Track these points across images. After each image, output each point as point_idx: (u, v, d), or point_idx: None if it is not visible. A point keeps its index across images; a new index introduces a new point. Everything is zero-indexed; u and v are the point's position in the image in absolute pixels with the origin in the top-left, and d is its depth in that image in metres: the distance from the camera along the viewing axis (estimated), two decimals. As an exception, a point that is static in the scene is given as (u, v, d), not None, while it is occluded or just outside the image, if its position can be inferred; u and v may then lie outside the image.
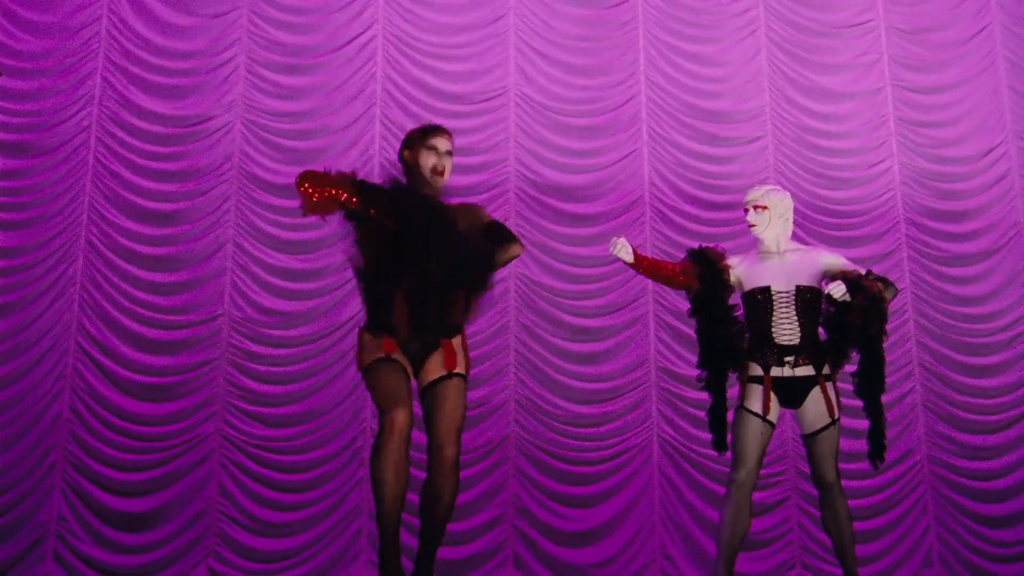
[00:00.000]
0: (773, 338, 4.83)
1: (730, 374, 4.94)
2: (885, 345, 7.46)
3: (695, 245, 5.11)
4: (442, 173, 3.92)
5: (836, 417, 4.83)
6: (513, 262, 4.85)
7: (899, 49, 8.13)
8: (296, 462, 6.78)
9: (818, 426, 4.81)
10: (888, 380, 7.31)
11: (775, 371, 4.80)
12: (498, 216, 7.29)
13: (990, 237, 7.82)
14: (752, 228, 5.06)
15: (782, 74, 7.95)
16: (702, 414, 5.03)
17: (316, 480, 6.76)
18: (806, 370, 4.81)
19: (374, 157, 7.37)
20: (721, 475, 6.93)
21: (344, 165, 7.20)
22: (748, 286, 4.96)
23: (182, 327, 6.91)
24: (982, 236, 7.82)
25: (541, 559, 6.80)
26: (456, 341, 3.85)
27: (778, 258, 4.99)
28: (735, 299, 4.99)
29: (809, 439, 4.87)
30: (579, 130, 7.64)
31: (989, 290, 7.71)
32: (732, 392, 4.89)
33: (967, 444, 7.36)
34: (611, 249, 4.88)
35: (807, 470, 6.98)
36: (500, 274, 7.04)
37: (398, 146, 7.24)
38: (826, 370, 4.85)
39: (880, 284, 4.88)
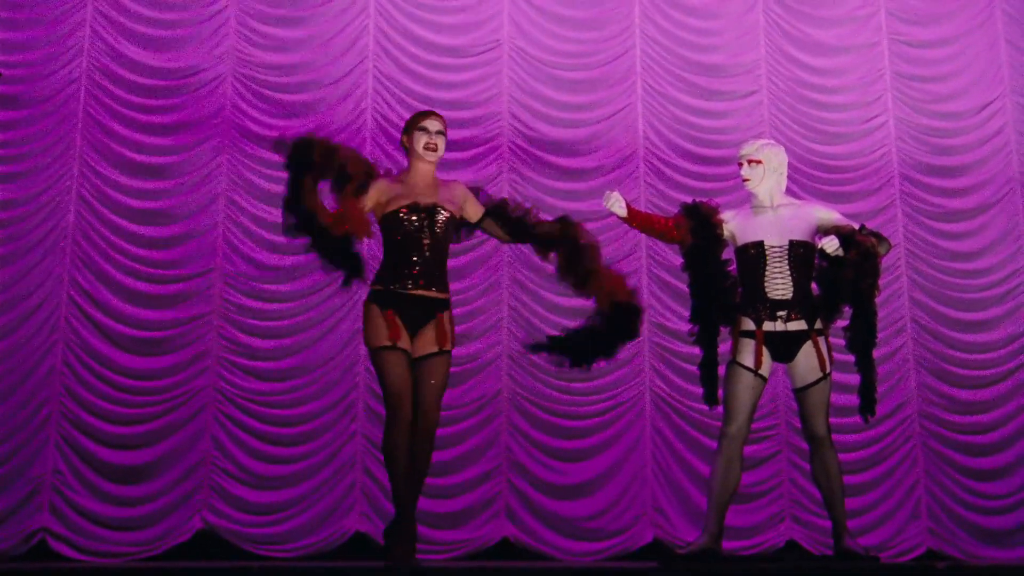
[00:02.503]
0: (766, 293, 4.83)
1: (723, 329, 4.96)
2: (878, 300, 7.53)
3: (689, 200, 5.10)
4: (434, 149, 4.41)
5: (827, 371, 4.85)
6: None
7: (896, 3, 8.07)
8: (290, 416, 6.80)
9: (809, 380, 4.83)
10: (880, 335, 7.33)
11: (767, 325, 4.81)
12: (491, 171, 7.32)
13: (984, 193, 7.82)
14: (746, 183, 5.05)
15: (778, 28, 7.89)
16: (694, 368, 5.05)
17: (310, 433, 6.78)
18: (798, 324, 4.82)
19: (366, 111, 7.31)
20: (712, 429, 6.94)
21: (337, 118, 7.22)
22: (741, 240, 4.96)
23: (175, 281, 6.89)
24: (977, 192, 7.82)
25: (533, 512, 6.86)
26: (447, 316, 4.33)
27: (772, 212, 4.98)
28: (728, 254, 4.99)
29: (800, 393, 4.90)
30: (573, 84, 7.59)
31: (982, 246, 7.73)
32: (725, 347, 4.90)
33: (957, 399, 7.41)
34: (604, 203, 4.88)
35: (799, 424, 7.01)
36: (493, 229, 7.07)
37: (390, 99, 7.29)
38: (818, 325, 4.86)
39: (873, 239, 4.88)
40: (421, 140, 4.38)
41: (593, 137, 7.49)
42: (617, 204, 4.90)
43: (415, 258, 4.25)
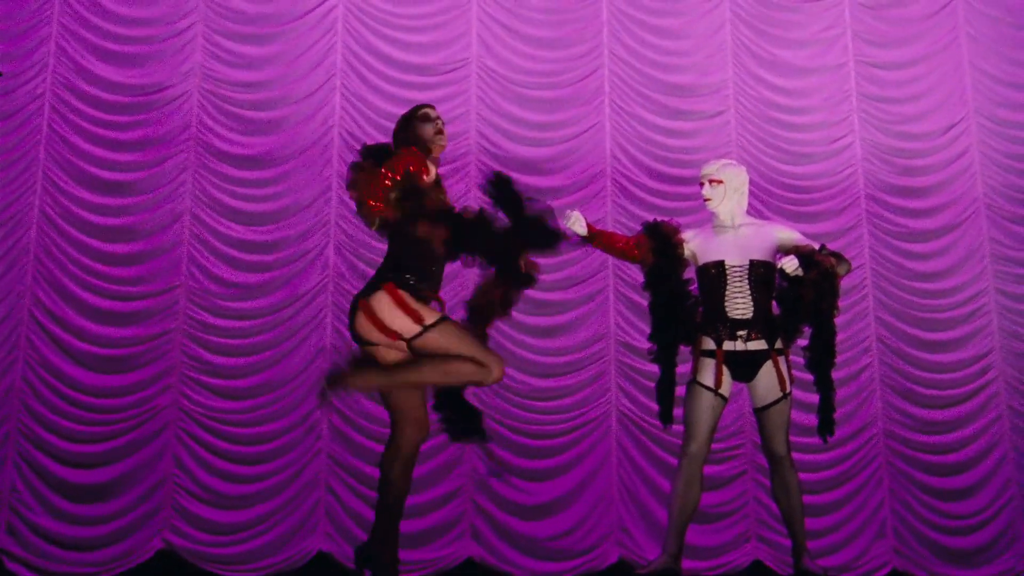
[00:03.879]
0: (726, 312, 4.84)
1: (685, 348, 4.96)
2: (843, 320, 7.56)
3: (656, 219, 5.11)
4: (442, 131, 4.17)
5: (788, 391, 4.85)
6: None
7: (862, 24, 8.13)
8: (253, 434, 6.75)
9: (769, 400, 4.84)
10: (846, 355, 7.47)
11: (728, 345, 4.82)
12: (459, 189, 7.31)
13: (950, 213, 7.86)
14: (707, 202, 5.06)
15: (745, 48, 7.93)
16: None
17: (273, 452, 6.73)
18: (758, 344, 4.82)
19: (333, 128, 7.30)
20: (679, 449, 6.97)
21: (304, 135, 7.20)
22: (702, 260, 4.97)
23: (138, 298, 6.84)
24: (942, 212, 7.86)
25: (498, 531, 6.82)
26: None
27: (732, 232, 4.99)
28: (690, 273, 5.00)
29: (760, 413, 4.90)
30: (541, 103, 7.60)
31: (947, 266, 7.76)
32: (688, 367, 4.91)
33: (923, 418, 7.43)
34: (564, 222, 4.88)
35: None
36: (460, 247, 7.07)
37: (357, 117, 7.28)
38: (779, 344, 4.86)
39: (833, 259, 4.91)
40: (427, 129, 4.13)
41: (561, 156, 7.50)
42: (578, 223, 4.92)
43: (434, 267, 3.99)
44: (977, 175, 7.94)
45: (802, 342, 4.96)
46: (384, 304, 3.80)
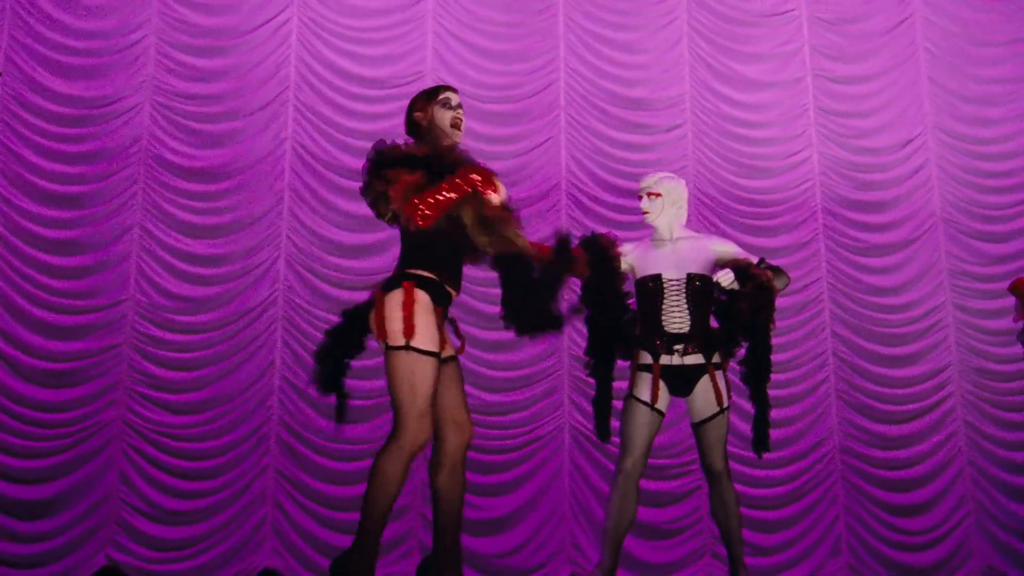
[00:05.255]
0: (663, 326, 4.80)
1: (625, 363, 4.92)
2: (799, 334, 7.56)
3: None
4: (459, 126, 3.90)
5: (725, 405, 4.80)
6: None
7: (820, 39, 8.13)
8: (200, 449, 6.68)
9: (707, 414, 4.78)
10: (802, 369, 7.45)
11: (664, 359, 4.77)
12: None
13: (907, 228, 7.85)
14: (645, 215, 5.02)
15: (703, 62, 7.92)
16: (614, 403, 4.96)
17: (220, 468, 6.66)
18: (695, 358, 4.78)
19: (286, 141, 7.26)
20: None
21: (256, 148, 7.16)
22: (640, 273, 4.93)
23: (85, 312, 6.77)
24: (899, 227, 7.85)
25: (448, 548, 6.74)
26: None
27: (670, 245, 4.95)
28: (629, 286, 4.96)
29: (698, 427, 4.85)
30: (496, 116, 7.57)
31: (904, 281, 7.74)
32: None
33: (879, 433, 7.39)
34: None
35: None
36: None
37: (310, 130, 7.25)
38: (716, 359, 4.82)
39: (770, 273, 4.86)
40: (446, 116, 3.84)
41: (515, 170, 7.46)
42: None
43: (458, 256, 3.75)
44: (935, 189, 7.93)
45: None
46: (394, 303, 3.59)
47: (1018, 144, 8.09)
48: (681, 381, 4.79)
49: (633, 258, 4.98)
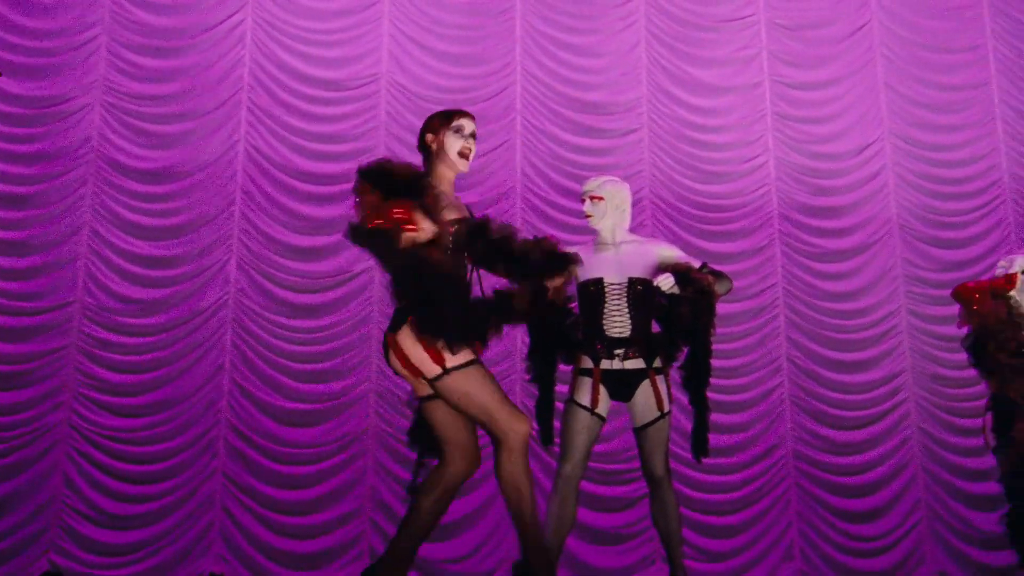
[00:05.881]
0: (604, 330, 4.77)
1: (567, 368, 4.89)
2: (754, 340, 7.56)
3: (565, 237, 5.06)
4: (468, 156, 3.87)
5: (666, 410, 4.77)
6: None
7: (779, 44, 8.14)
8: (147, 453, 6.61)
9: (647, 419, 4.75)
10: (756, 375, 7.44)
11: (605, 363, 4.74)
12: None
13: (863, 233, 7.85)
14: (588, 219, 5.00)
15: (660, 67, 7.91)
16: (557, 407, 4.94)
17: (167, 472, 6.60)
18: (636, 363, 4.75)
19: (239, 142, 7.21)
20: (588, 469, 6.88)
21: (208, 150, 7.10)
22: (582, 277, 4.89)
23: (31, 314, 6.70)
24: (855, 232, 7.86)
25: (398, 553, 6.69)
26: None
27: (613, 249, 4.92)
28: (571, 290, 4.92)
29: (639, 432, 4.82)
30: (452, 120, 7.52)
31: (860, 286, 7.75)
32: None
33: (832, 439, 7.39)
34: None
35: (672, 465, 6.97)
36: (363, 264, 7.00)
37: (263, 131, 7.19)
38: (657, 363, 4.80)
39: (711, 278, 4.85)
40: (456, 144, 3.81)
41: (470, 173, 7.31)
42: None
43: (469, 279, 3.75)
44: (891, 195, 7.94)
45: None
46: (408, 340, 3.61)
47: (974, 151, 8.12)
48: (622, 386, 4.76)
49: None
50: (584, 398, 4.73)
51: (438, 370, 3.55)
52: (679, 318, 4.74)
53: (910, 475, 7.37)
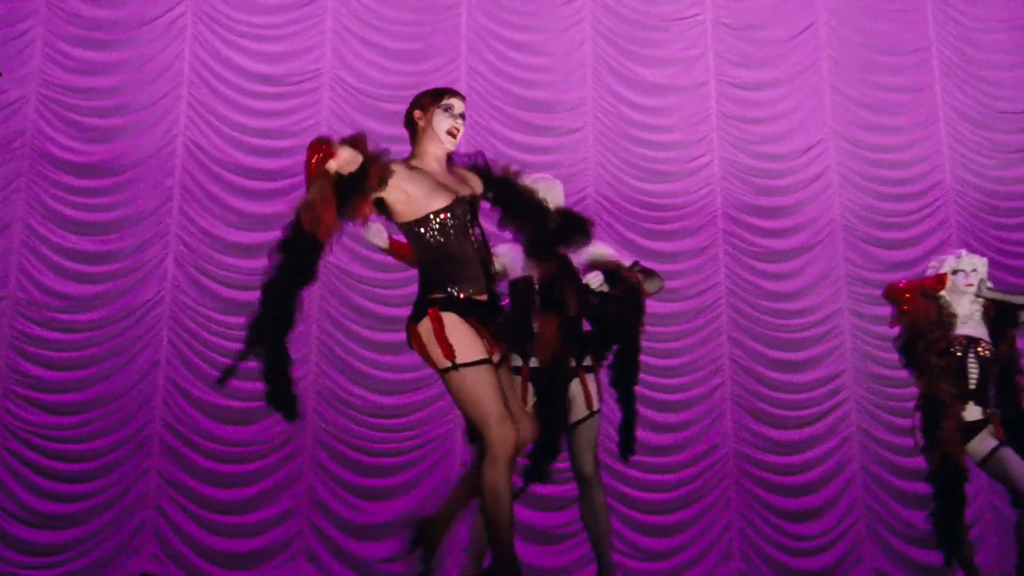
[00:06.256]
0: (533, 329, 4.74)
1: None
2: (696, 339, 7.56)
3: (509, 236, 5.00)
4: (455, 135, 3.72)
5: (595, 409, 4.76)
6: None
7: (725, 44, 8.14)
8: (79, 451, 6.53)
9: (576, 418, 4.74)
10: (698, 375, 7.44)
11: (534, 362, 4.70)
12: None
13: (806, 234, 7.87)
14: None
15: (606, 65, 7.90)
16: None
17: (99, 470, 6.52)
18: (566, 361, 4.72)
19: (178, 137, 7.13)
20: (522, 468, 6.86)
21: (147, 144, 7.01)
22: (512, 274, 4.87)
23: (-39, 310, 6.60)
24: (798, 232, 7.87)
25: (335, 552, 6.65)
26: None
27: (543, 243, 4.89)
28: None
29: (568, 431, 4.79)
30: (394, 116, 7.29)
31: (802, 286, 7.77)
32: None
33: (773, 438, 7.40)
34: (365, 235, 4.76)
35: (610, 463, 6.96)
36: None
37: (203, 126, 7.10)
38: (588, 361, 4.78)
39: (641, 276, 4.85)
40: (445, 123, 3.67)
41: (413, 170, 7.37)
42: (378, 235, 4.80)
43: (475, 259, 3.62)
44: (835, 196, 7.97)
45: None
46: (426, 331, 3.57)
47: (917, 152, 8.17)
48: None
49: (506, 260, 4.91)
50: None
51: (447, 363, 3.51)
52: (608, 316, 4.73)
53: (850, 474, 7.40)
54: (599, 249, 4.92)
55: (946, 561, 5.19)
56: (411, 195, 3.54)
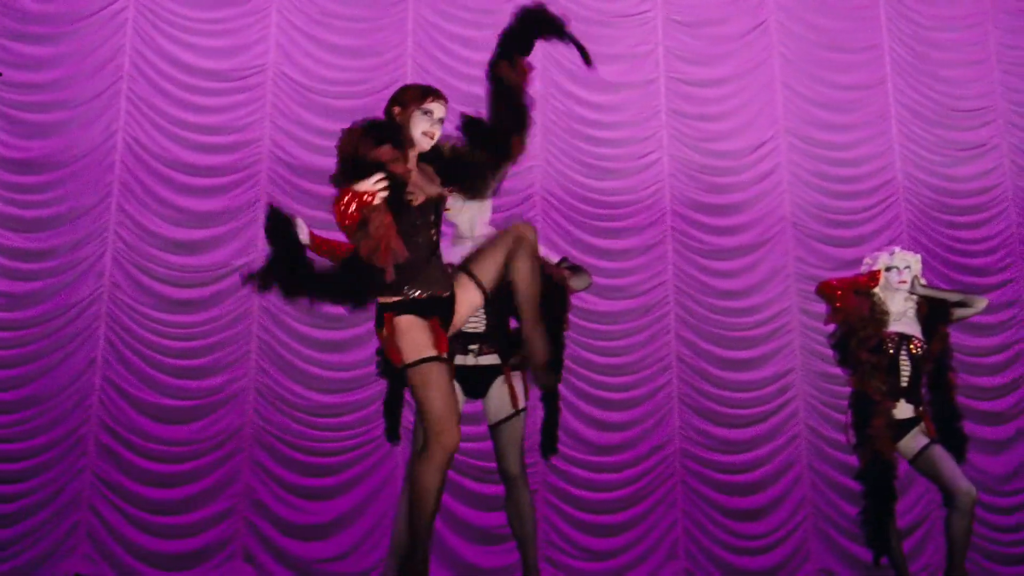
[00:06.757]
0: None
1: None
2: (643, 337, 7.51)
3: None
4: (432, 138, 3.73)
5: (521, 407, 4.68)
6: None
7: (675, 41, 8.09)
8: (12, 451, 6.44)
9: (501, 416, 4.67)
10: (644, 373, 7.39)
11: (459, 359, 4.65)
12: (248, 197, 7.10)
13: (756, 231, 7.83)
14: (445, 211, 4.90)
15: (554, 61, 7.83)
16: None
17: (32, 470, 6.42)
18: (491, 359, 4.66)
19: (117, 133, 7.05)
20: (467, 467, 6.81)
21: (86, 139, 6.92)
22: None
23: None
24: (748, 230, 7.83)
25: (273, 553, 6.57)
26: None
27: (471, 243, 4.82)
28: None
29: (493, 430, 4.74)
30: (339, 112, 7.36)
31: (751, 284, 7.73)
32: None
33: (720, 437, 7.36)
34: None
35: (554, 462, 6.91)
36: (244, 258, 6.87)
37: (143, 121, 7.02)
38: (515, 360, 4.71)
39: (567, 272, 4.80)
40: (422, 125, 3.67)
41: (356, 167, 7.30)
42: (300, 231, 4.73)
43: (435, 260, 3.65)
44: (784, 193, 7.93)
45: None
46: (384, 337, 3.59)
47: (868, 150, 8.14)
48: (476, 382, 4.68)
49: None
50: (437, 394, 4.63)
51: (403, 361, 3.54)
52: (533, 313, 4.66)
53: (797, 473, 7.36)
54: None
55: (875, 560, 5.16)
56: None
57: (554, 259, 4.86)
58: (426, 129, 3.69)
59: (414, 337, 3.51)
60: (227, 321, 6.86)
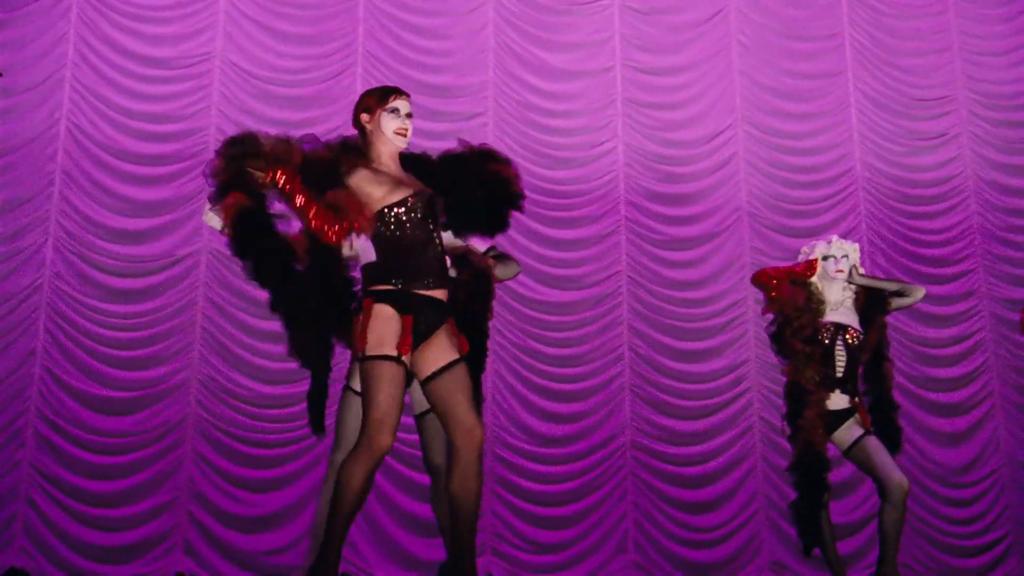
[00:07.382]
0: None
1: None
2: (595, 328, 7.44)
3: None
4: (405, 135, 3.80)
5: (446, 397, 4.61)
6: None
7: (632, 29, 8.01)
8: (-54, 444, 6.36)
9: (426, 406, 4.60)
10: (596, 364, 7.32)
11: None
12: (193, 187, 7.00)
13: (711, 221, 7.76)
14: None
15: (509, 50, 7.75)
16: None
17: (-32, 463, 6.35)
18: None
19: (61, 121, 6.96)
20: (415, 460, 6.72)
21: (28, 127, 6.83)
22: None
23: None
24: (704, 220, 7.76)
25: (214, 545, 6.50)
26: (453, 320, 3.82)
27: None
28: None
29: (419, 419, 4.70)
30: (289, 100, 7.33)
31: (706, 274, 7.65)
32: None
33: (673, 429, 7.28)
34: (203, 218, 4.62)
35: (500, 453, 6.85)
36: (189, 248, 6.78)
37: (87, 109, 6.92)
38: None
39: (492, 261, 4.73)
40: (391, 124, 3.75)
41: (305, 155, 7.21)
42: (214, 219, 4.65)
43: (431, 254, 3.68)
44: (741, 183, 7.85)
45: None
46: (359, 322, 3.65)
47: (826, 139, 8.06)
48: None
49: (360, 243, 4.77)
50: (359, 385, 4.56)
51: (359, 353, 3.66)
52: (456, 302, 4.59)
53: (750, 465, 7.29)
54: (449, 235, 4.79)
55: (806, 551, 5.10)
56: (372, 195, 3.60)
57: (482, 247, 4.79)
58: (397, 128, 3.75)
59: (380, 330, 3.57)
60: (171, 311, 6.78)
